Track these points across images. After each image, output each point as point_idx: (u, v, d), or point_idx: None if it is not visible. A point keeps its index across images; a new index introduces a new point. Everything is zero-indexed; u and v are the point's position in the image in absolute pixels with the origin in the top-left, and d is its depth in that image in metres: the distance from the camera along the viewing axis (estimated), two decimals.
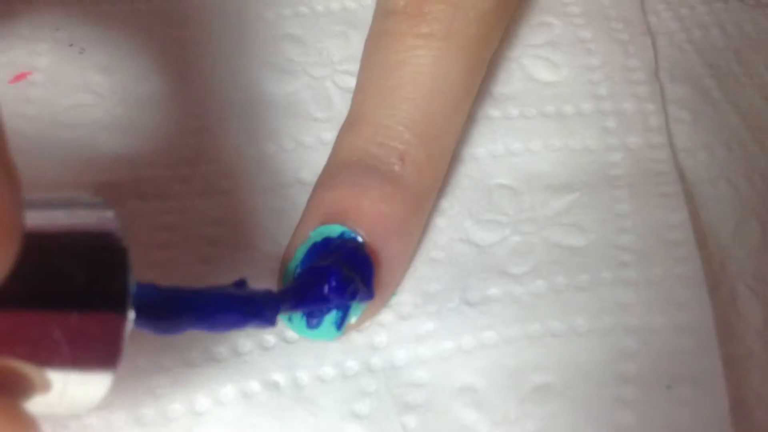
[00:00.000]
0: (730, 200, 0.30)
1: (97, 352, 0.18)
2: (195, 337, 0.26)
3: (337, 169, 0.27)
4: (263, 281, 0.27)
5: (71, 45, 0.31)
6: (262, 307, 0.22)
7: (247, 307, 0.22)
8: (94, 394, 0.19)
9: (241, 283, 0.22)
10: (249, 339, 0.26)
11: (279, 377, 0.26)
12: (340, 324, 0.26)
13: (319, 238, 0.26)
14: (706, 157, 0.31)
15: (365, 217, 0.26)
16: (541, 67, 0.32)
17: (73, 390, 0.18)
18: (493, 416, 0.25)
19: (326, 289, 0.24)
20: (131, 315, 0.18)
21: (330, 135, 0.30)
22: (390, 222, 0.26)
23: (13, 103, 0.30)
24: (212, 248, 0.28)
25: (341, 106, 0.31)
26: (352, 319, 0.26)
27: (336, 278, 0.24)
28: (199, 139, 0.30)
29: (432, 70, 0.26)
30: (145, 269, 0.27)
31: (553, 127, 0.31)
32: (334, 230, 0.25)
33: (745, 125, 0.31)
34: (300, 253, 0.26)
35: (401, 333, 0.27)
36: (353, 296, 0.25)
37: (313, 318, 0.25)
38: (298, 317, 0.25)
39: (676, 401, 0.25)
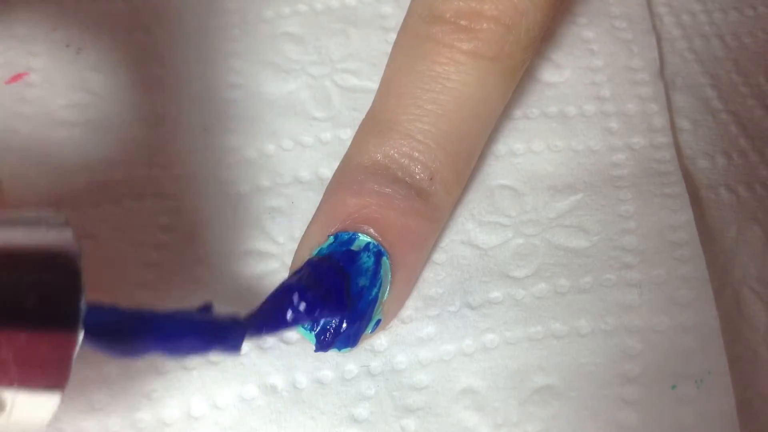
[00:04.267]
0: (731, 206, 0.30)
1: (45, 373, 0.18)
2: None
3: (362, 173, 0.26)
4: (263, 281, 0.27)
5: (68, 45, 0.31)
6: (226, 333, 0.21)
7: (209, 333, 0.21)
8: (42, 414, 0.19)
9: (206, 308, 0.21)
10: (246, 339, 0.26)
11: (277, 380, 0.25)
12: (353, 340, 0.25)
13: (341, 249, 0.25)
14: (707, 164, 0.31)
15: (391, 230, 0.25)
16: (543, 67, 0.32)
17: (21, 410, 0.18)
18: (495, 418, 0.25)
19: (291, 314, 0.23)
20: (80, 337, 0.18)
21: (329, 134, 0.30)
22: (413, 237, 0.26)
23: (10, 103, 0.30)
24: (209, 248, 0.28)
25: (341, 106, 0.31)
26: (368, 332, 0.26)
27: (302, 299, 0.23)
28: (197, 139, 0.30)
29: (474, 91, 0.26)
30: (141, 269, 0.27)
31: (556, 127, 0.30)
32: (360, 241, 0.25)
33: (745, 135, 0.31)
34: (316, 254, 0.25)
35: (402, 336, 0.26)
36: (323, 313, 0.24)
37: (323, 337, 0.25)
38: (310, 336, 0.25)
39: (681, 401, 0.25)
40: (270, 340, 0.26)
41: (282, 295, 0.24)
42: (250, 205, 0.29)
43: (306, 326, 0.25)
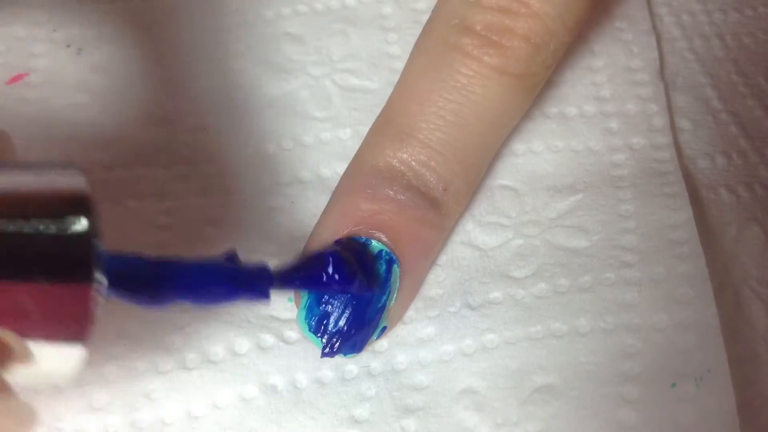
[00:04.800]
0: (731, 206, 0.30)
1: (67, 322, 0.17)
2: (191, 337, 0.25)
3: (376, 177, 0.26)
4: None
5: (68, 46, 0.31)
6: (254, 281, 0.21)
7: (236, 280, 0.21)
8: (68, 366, 0.18)
9: (231, 256, 0.21)
10: (246, 339, 0.26)
11: (277, 380, 0.25)
12: (360, 346, 0.26)
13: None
14: (707, 164, 0.31)
15: (403, 238, 0.25)
16: None
17: (46, 361, 0.18)
18: (495, 418, 0.25)
19: (326, 275, 0.23)
20: (101, 284, 0.18)
21: (329, 134, 0.30)
22: (423, 246, 0.26)
23: (11, 104, 0.30)
24: (210, 248, 0.28)
25: (341, 105, 0.31)
26: (373, 338, 0.26)
27: (337, 265, 0.24)
28: (197, 139, 0.30)
29: (496, 106, 0.26)
30: None
31: (556, 128, 0.30)
32: (374, 248, 0.25)
33: (745, 135, 0.31)
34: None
35: (402, 337, 0.26)
36: (351, 284, 0.24)
37: (331, 343, 0.25)
38: (317, 341, 0.25)
39: (681, 399, 0.25)
40: (270, 339, 0.26)
41: (321, 256, 0.24)
42: (250, 205, 0.29)
43: (313, 330, 0.25)
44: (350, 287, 0.24)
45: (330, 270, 0.23)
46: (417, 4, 0.33)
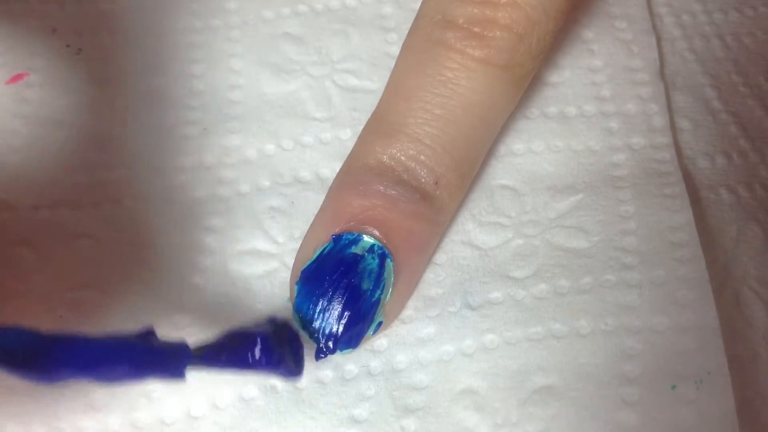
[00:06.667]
0: (731, 206, 0.30)
1: None
2: (191, 338, 0.25)
3: (367, 174, 0.26)
4: (263, 281, 0.27)
5: (68, 46, 0.31)
6: (166, 360, 0.20)
7: (145, 359, 0.20)
8: None
9: (145, 333, 0.20)
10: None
11: (277, 380, 0.25)
12: (355, 342, 0.26)
13: (345, 250, 0.25)
14: (707, 164, 0.31)
15: (395, 232, 0.25)
16: (543, 67, 0.32)
17: None
18: (495, 418, 0.25)
19: (250, 356, 0.22)
20: None
21: (329, 134, 0.30)
22: (416, 240, 0.26)
23: (10, 104, 0.30)
24: (210, 247, 0.28)
25: (341, 106, 0.31)
26: (369, 333, 0.26)
27: (263, 346, 0.22)
28: (197, 139, 0.30)
29: (484, 99, 0.26)
30: (140, 269, 0.27)
31: (556, 128, 0.30)
32: (365, 243, 0.25)
33: (745, 135, 0.31)
34: (319, 254, 0.25)
35: (401, 336, 0.26)
36: (277, 367, 0.23)
37: (324, 342, 0.25)
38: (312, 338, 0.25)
39: (681, 401, 0.25)
40: None
41: (248, 336, 0.23)
42: (250, 205, 0.29)
43: (307, 327, 0.25)
44: (276, 370, 0.23)
45: (256, 352, 0.22)
46: (417, 4, 0.32)
